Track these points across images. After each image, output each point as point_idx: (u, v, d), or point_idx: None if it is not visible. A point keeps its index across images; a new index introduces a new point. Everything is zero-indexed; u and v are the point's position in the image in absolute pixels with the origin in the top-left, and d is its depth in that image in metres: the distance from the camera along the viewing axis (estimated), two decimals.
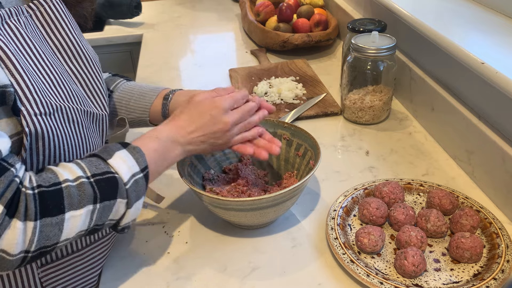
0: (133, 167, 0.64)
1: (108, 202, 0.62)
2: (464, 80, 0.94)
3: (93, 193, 0.60)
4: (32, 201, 0.55)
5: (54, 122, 0.63)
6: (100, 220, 0.62)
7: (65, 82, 0.68)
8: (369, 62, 1.06)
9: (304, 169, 0.87)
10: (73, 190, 0.58)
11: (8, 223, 0.54)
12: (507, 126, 0.82)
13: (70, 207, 0.58)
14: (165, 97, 0.88)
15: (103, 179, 0.61)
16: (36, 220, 0.55)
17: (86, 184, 0.60)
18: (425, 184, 0.87)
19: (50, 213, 0.56)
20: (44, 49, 0.67)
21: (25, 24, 0.65)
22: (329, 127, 1.13)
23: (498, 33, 0.93)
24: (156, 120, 0.90)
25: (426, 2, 1.15)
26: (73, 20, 0.74)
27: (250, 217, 0.77)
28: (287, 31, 1.49)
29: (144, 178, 0.65)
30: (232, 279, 0.74)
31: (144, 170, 0.66)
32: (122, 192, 0.63)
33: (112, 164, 0.63)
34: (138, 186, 0.65)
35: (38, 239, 0.56)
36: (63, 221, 0.57)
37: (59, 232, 0.58)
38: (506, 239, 0.74)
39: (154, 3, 2.06)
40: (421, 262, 0.70)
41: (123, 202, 0.63)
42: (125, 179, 0.63)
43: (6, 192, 0.54)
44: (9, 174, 0.55)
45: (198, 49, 1.63)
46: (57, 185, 0.58)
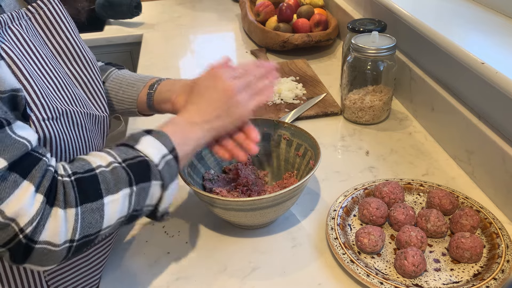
0: (161, 148, 0.64)
1: (143, 184, 0.61)
2: (464, 80, 0.94)
3: (127, 176, 0.60)
4: (71, 187, 0.55)
5: (60, 127, 0.63)
6: (138, 205, 0.62)
7: (68, 86, 0.68)
8: (369, 62, 1.06)
9: (304, 169, 0.87)
10: (107, 175, 0.58)
11: (49, 212, 0.53)
12: (507, 126, 0.82)
13: (108, 192, 0.58)
14: (150, 87, 0.85)
15: (134, 162, 0.61)
16: (77, 206, 0.55)
17: (119, 168, 0.60)
18: (425, 184, 0.87)
19: (90, 198, 0.56)
20: (45, 52, 0.67)
21: (26, 28, 0.65)
22: (329, 127, 1.13)
23: (498, 33, 0.93)
24: (143, 110, 0.88)
25: (426, 2, 1.15)
26: (71, 21, 0.74)
27: (250, 217, 0.77)
28: (287, 31, 1.49)
29: (174, 159, 0.65)
30: (232, 279, 0.74)
31: (172, 151, 0.65)
32: (155, 173, 0.62)
33: (140, 149, 0.63)
34: (170, 167, 0.64)
35: (81, 226, 0.55)
36: (103, 205, 0.57)
37: (100, 219, 0.57)
38: (506, 239, 0.74)
39: (154, 3, 2.06)
40: (421, 262, 0.70)
41: (158, 184, 0.63)
42: (156, 160, 0.62)
43: (43, 180, 0.54)
44: (43, 163, 0.54)
45: (198, 49, 1.63)
46: (92, 171, 0.58)
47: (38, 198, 0.53)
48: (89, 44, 0.77)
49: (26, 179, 0.53)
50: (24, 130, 0.55)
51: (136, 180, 0.60)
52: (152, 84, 0.85)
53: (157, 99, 0.84)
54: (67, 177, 0.56)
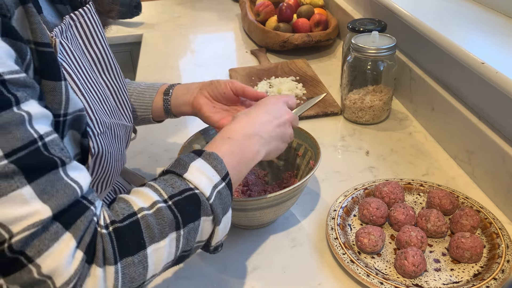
0: (213, 177, 0.57)
1: (192, 225, 0.55)
2: (464, 80, 0.94)
3: (174, 219, 0.53)
4: (109, 241, 0.49)
5: (107, 140, 0.62)
6: (187, 246, 0.55)
7: (106, 98, 0.67)
8: (369, 62, 1.06)
9: (304, 169, 0.87)
10: (151, 220, 0.51)
11: (88, 271, 0.48)
12: (507, 126, 0.82)
13: (151, 240, 0.51)
14: (165, 92, 0.87)
15: (182, 199, 0.54)
16: (117, 263, 0.49)
17: (164, 209, 0.53)
18: (425, 184, 0.87)
19: (130, 251, 0.50)
20: (85, 63, 0.65)
21: (70, 39, 0.63)
22: (329, 127, 1.13)
23: (498, 33, 0.93)
24: (158, 117, 0.89)
25: (426, 2, 1.15)
26: (104, 31, 0.73)
27: (250, 217, 0.77)
28: (287, 31, 1.49)
29: (227, 187, 0.58)
30: (232, 279, 0.74)
31: (225, 177, 0.58)
32: (206, 208, 0.56)
33: (189, 178, 0.56)
34: (222, 198, 0.58)
35: (123, 283, 0.49)
36: (146, 257, 0.51)
37: (144, 271, 0.51)
38: (506, 239, 0.74)
39: (154, 3, 2.06)
40: (421, 262, 0.70)
41: (209, 219, 0.57)
42: (207, 193, 0.56)
43: (85, 235, 0.48)
44: (89, 213, 0.49)
45: (198, 49, 1.63)
46: (132, 217, 0.51)
47: (77, 255, 0.47)
48: None
49: (69, 231, 0.47)
50: (78, 172, 0.50)
51: (185, 221, 0.54)
52: (166, 90, 0.87)
53: (175, 103, 0.86)
54: (105, 229, 0.50)
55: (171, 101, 0.86)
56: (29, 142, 0.45)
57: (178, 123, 1.17)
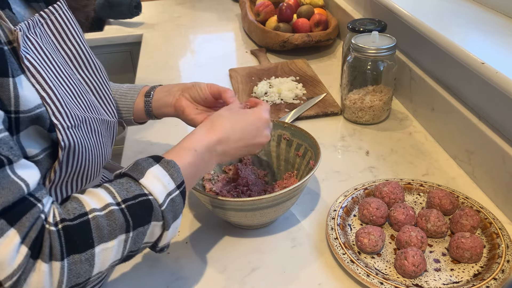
0: (168, 184, 0.59)
1: (142, 228, 0.57)
2: (464, 80, 0.94)
3: (125, 222, 0.55)
4: (57, 238, 0.51)
5: (81, 134, 0.62)
6: (134, 246, 0.58)
7: (82, 92, 0.67)
8: (369, 62, 1.06)
9: (304, 169, 0.87)
10: (101, 221, 0.53)
11: (33, 266, 0.49)
12: (507, 126, 0.82)
13: (100, 240, 0.53)
14: (146, 94, 0.87)
15: (135, 204, 0.56)
16: (63, 260, 0.51)
17: (116, 212, 0.55)
18: (425, 184, 0.87)
19: (78, 249, 0.52)
20: (59, 59, 0.66)
21: (40, 35, 0.63)
22: (329, 127, 1.13)
23: (498, 33, 0.93)
24: (140, 118, 0.89)
25: (426, 2, 1.15)
26: (79, 26, 0.73)
27: (250, 217, 0.77)
28: (287, 31, 1.49)
29: (180, 195, 0.61)
30: (232, 279, 0.74)
31: (180, 186, 0.60)
32: (157, 214, 0.58)
33: (145, 184, 0.58)
34: (175, 205, 0.60)
35: (68, 278, 0.51)
36: (94, 256, 0.53)
37: (90, 268, 0.53)
38: (506, 239, 0.74)
39: (154, 3, 2.06)
40: (421, 262, 0.70)
41: (159, 224, 0.59)
42: (160, 200, 0.58)
43: (30, 231, 0.49)
44: (35, 211, 0.50)
45: (198, 49, 1.63)
46: (83, 217, 0.53)
47: (22, 250, 0.49)
48: (89, 44, 0.77)
49: (14, 227, 0.48)
50: (26, 170, 0.51)
51: (135, 225, 0.56)
52: (147, 92, 0.87)
53: (156, 105, 0.86)
54: (54, 226, 0.51)
55: (152, 103, 0.87)
56: None
57: (178, 123, 1.16)
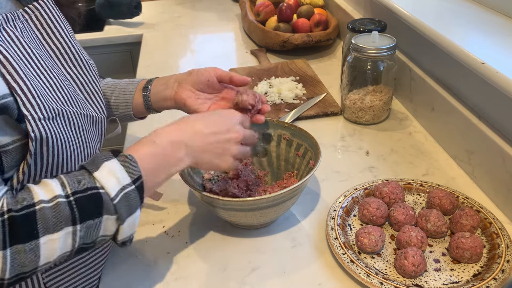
0: (122, 179, 0.59)
1: (92, 222, 0.57)
2: (464, 80, 0.94)
3: (70, 214, 0.55)
4: (1, 228, 0.52)
5: (57, 127, 0.62)
6: (87, 239, 0.58)
7: (64, 86, 0.68)
8: (369, 62, 1.06)
9: (304, 169, 0.87)
10: (47, 212, 0.54)
11: None
12: (507, 126, 0.82)
13: (45, 231, 0.54)
14: (143, 89, 0.86)
15: (84, 197, 0.57)
16: (5, 249, 0.52)
17: (63, 204, 0.55)
18: (425, 184, 0.87)
19: (21, 239, 0.53)
20: (41, 53, 0.66)
21: (21, 29, 0.64)
22: (329, 127, 1.13)
23: (498, 33, 0.93)
24: (140, 113, 0.89)
25: (426, 2, 1.15)
26: (67, 23, 0.74)
27: (250, 217, 0.77)
28: (287, 31, 1.49)
29: (136, 190, 0.60)
30: (232, 279, 0.74)
31: (136, 181, 0.60)
32: (109, 208, 0.58)
33: (97, 177, 0.58)
34: (129, 200, 0.59)
35: (12, 267, 0.52)
36: (38, 246, 0.54)
37: (35, 258, 0.54)
38: (506, 239, 0.74)
39: (154, 3, 2.06)
40: (421, 262, 0.70)
41: (112, 218, 0.58)
42: (112, 193, 0.58)
43: None
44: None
45: (198, 49, 1.63)
46: (30, 208, 0.54)
47: None
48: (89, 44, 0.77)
49: None
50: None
51: (82, 218, 0.56)
52: (145, 87, 0.86)
53: (155, 99, 0.85)
54: (1, 216, 0.53)
55: (151, 97, 0.85)
56: None
57: None
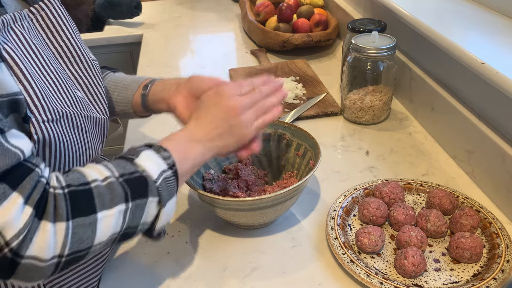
0: (161, 164, 0.62)
1: (140, 201, 0.59)
2: (464, 80, 0.94)
3: (123, 192, 0.58)
4: (63, 200, 0.53)
5: (60, 129, 0.62)
6: (132, 222, 0.59)
7: (69, 88, 0.68)
8: (369, 62, 1.06)
9: (304, 169, 0.87)
10: (103, 190, 0.56)
11: (38, 225, 0.51)
12: (507, 126, 0.82)
13: (102, 207, 0.56)
14: (144, 87, 0.85)
15: (132, 178, 0.59)
16: (68, 220, 0.53)
17: (115, 183, 0.58)
18: (425, 184, 0.87)
19: (83, 212, 0.54)
20: (46, 54, 0.66)
21: (28, 29, 0.64)
22: (329, 127, 1.13)
23: (498, 33, 0.93)
24: (139, 111, 0.87)
25: (426, 2, 1.15)
26: (73, 23, 0.73)
27: (250, 217, 0.77)
28: (287, 31, 1.49)
29: (173, 175, 0.63)
30: (232, 279, 0.74)
31: (172, 167, 0.63)
32: (153, 189, 0.60)
33: (139, 163, 0.61)
34: (168, 183, 0.62)
35: (72, 241, 0.53)
36: (96, 221, 0.55)
37: (92, 234, 0.55)
38: (506, 239, 0.74)
39: (154, 3, 2.06)
40: (421, 262, 0.70)
41: (155, 200, 0.61)
42: (154, 176, 0.60)
43: (33, 193, 0.51)
44: (35, 174, 0.53)
45: (198, 49, 1.63)
46: (87, 185, 0.56)
47: (26, 210, 0.51)
48: (89, 44, 0.76)
49: (16, 190, 0.50)
50: (18, 139, 0.53)
51: (133, 196, 0.58)
52: (145, 85, 0.85)
53: (152, 100, 0.84)
54: (60, 189, 0.54)
55: (149, 96, 0.84)
56: None
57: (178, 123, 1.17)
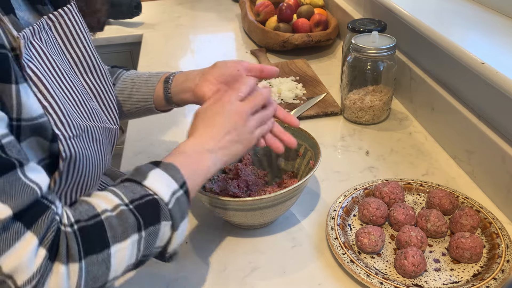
0: (171, 184, 0.59)
1: (153, 228, 0.56)
2: (464, 80, 0.94)
3: (135, 220, 0.54)
4: (73, 239, 0.50)
5: (82, 143, 0.61)
6: (147, 250, 0.56)
7: (85, 100, 0.67)
8: (369, 62, 1.06)
9: (304, 169, 0.87)
10: (114, 221, 0.53)
11: (51, 268, 0.48)
12: (507, 126, 0.82)
13: (115, 240, 0.52)
14: (165, 80, 0.86)
15: (142, 203, 0.56)
16: (81, 260, 0.50)
17: (126, 211, 0.54)
18: (425, 184, 0.87)
19: (95, 249, 0.51)
20: (63, 65, 0.65)
21: (46, 41, 0.62)
22: (329, 127, 1.13)
23: (498, 33, 0.93)
24: (161, 106, 0.87)
25: (426, 2, 1.15)
26: (88, 31, 0.72)
27: (250, 217, 0.77)
28: (287, 31, 1.49)
29: (185, 194, 0.60)
30: (232, 279, 0.74)
31: (183, 186, 0.60)
32: (165, 213, 0.57)
33: (148, 185, 0.57)
34: (180, 204, 0.59)
35: (86, 281, 0.50)
36: (110, 256, 0.52)
37: (106, 271, 0.52)
38: (506, 239, 0.74)
39: (154, 3, 2.06)
40: (421, 262, 0.70)
41: (168, 224, 0.58)
42: (166, 198, 0.57)
43: (47, 233, 0.48)
44: (50, 213, 0.49)
45: (198, 49, 1.63)
46: (97, 217, 0.53)
47: (40, 253, 0.47)
48: None
49: (30, 230, 0.47)
50: (36, 173, 0.51)
51: (145, 224, 0.55)
52: (167, 78, 0.86)
53: (175, 91, 0.84)
54: (69, 227, 0.51)
55: (171, 88, 0.85)
56: None
57: (178, 123, 1.17)
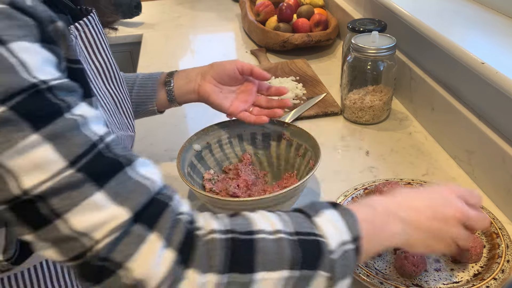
0: (343, 233, 0.49)
1: (307, 272, 0.47)
2: (464, 80, 0.94)
3: (292, 255, 0.46)
4: (223, 247, 0.44)
5: None
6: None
7: (112, 108, 0.67)
8: (369, 62, 1.06)
9: (304, 169, 0.87)
10: (269, 245, 0.46)
11: (183, 275, 0.43)
12: (507, 126, 0.82)
13: (263, 267, 0.45)
14: (166, 84, 0.88)
15: (306, 241, 0.48)
16: (224, 274, 0.43)
17: (286, 241, 0.47)
18: (425, 184, 0.87)
19: (240, 267, 0.44)
20: (92, 74, 0.65)
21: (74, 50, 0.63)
22: (329, 127, 1.13)
23: (498, 33, 0.93)
24: (163, 107, 0.90)
25: (426, 2, 1.15)
26: (107, 40, 0.72)
27: None
28: (287, 31, 1.49)
29: (355, 251, 0.49)
30: None
31: (356, 240, 0.50)
32: (325, 262, 0.48)
33: (318, 223, 0.50)
34: (346, 260, 0.49)
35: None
36: (252, 282, 0.44)
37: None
38: (506, 239, 0.74)
39: (154, 3, 2.06)
40: (421, 262, 0.70)
41: (325, 276, 0.48)
42: (333, 246, 0.48)
43: (173, 234, 0.44)
44: (171, 209, 0.45)
45: (198, 49, 1.63)
46: (251, 234, 0.46)
47: (167, 255, 0.43)
48: None
49: (153, 231, 0.43)
50: (148, 167, 0.47)
51: (303, 264, 0.47)
52: (167, 82, 0.88)
53: (179, 93, 0.87)
54: (220, 234, 0.45)
55: (175, 91, 0.87)
56: (90, 146, 0.44)
57: (178, 123, 1.17)
